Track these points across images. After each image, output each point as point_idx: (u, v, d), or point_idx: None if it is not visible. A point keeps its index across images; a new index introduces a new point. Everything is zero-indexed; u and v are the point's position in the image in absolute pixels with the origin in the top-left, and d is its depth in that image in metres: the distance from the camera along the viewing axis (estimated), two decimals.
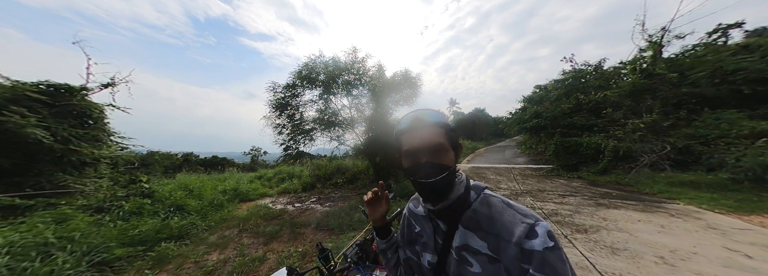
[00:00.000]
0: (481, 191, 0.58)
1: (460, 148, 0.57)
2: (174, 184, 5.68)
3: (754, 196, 4.08)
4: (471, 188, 0.59)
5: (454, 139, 0.56)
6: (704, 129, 6.28)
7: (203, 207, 4.59)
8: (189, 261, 2.78)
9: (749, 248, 2.44)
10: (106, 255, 2.57)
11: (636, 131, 7.11)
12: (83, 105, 4.61)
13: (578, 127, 9.58)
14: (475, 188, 0.59)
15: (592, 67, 11.88)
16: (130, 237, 3.01)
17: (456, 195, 0.57)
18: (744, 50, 7.24)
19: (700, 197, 4.24)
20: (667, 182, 5.21)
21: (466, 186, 0.58)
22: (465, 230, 0.56)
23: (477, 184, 0.61)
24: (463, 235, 0.56)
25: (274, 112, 6.54)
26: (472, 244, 0.54)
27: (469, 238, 0.55)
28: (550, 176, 7.40)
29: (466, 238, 0.55)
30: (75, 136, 4.24)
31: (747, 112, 6.25)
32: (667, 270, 2.12)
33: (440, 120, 0.55)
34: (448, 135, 0.54)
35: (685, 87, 7.36)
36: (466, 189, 0.58)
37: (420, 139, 0.53)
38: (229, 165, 15.21)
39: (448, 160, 0.53)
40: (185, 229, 3.59)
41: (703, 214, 3.55)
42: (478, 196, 0.57)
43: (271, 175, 8.83)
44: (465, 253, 0.55)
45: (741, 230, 2.90)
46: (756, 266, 2.13)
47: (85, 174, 4.40)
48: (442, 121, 0.55)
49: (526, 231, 0.49)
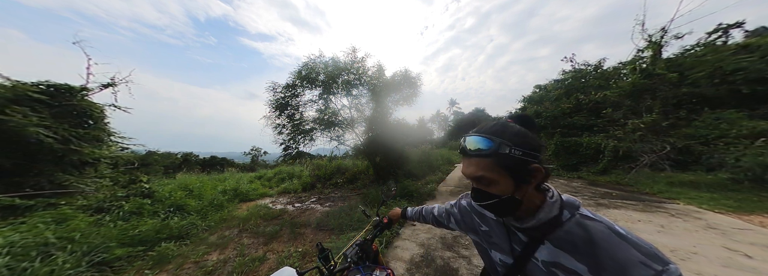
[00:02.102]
0: (575, 211, 0.53)
1: (532, 172, 0.50)
2: (174, 184, 5.67)
3: (754, 196, 4.08)
4: (564, 207, 0.54)
5: (512, 164, 0.48)
6: (704, 129, 6.29)
7: (203, 207, 4.58)
8: (189, 261, 2.77)
9: (749, 248, 2.44)
10: (106, 255, 2.57)
11: (636, 131, 7.12)
12: (84, 105, 4.61)
13: (578, 127, 9.59)
14: (568, 206, 0.54)
15: (592, 67, 11.89)
16: (130, 237, 3.01)
17: (547, 217, 0.53)
18: (744, 50, 7.24)
19: (700, 197, 4.25)
20: (667, 182, 5.21)
21: (560, 206, 0.53)
22: (556, 249, 0.52)
23: (570, 201, 0.55)
24: (553, 253, 0.52)
25: (274, 112, 6.54)
26: (566, 264, 0.50)
27: (561, 257, 0.51)
28: (550, 176, 7.41)
29: (557, 256, 0.52)
30: (75, 136, 4.24)
31: (746, 112, 6.25)
32: None
33: (488, 148, 0.49)
34: (499, 164, 0.49)
35: (685, 87, 7.37)
36: (560, 209, 0.53)
37: (466, 167, 0.52)
38: (228, 165, 15.22)
39: (498, 190, 0.50)
40: (185, 229, 3.58)
41: (703, 213, 3.55)
42: (572, 215, 0.52)
43: (271, 175, 8.83)
44: (556, 270, 0.52)
45: (741, 230, 2.91)
46: (756, 266, 2.13)
47: (86, 174, 4.40)
48: (489, 150, 0.49)
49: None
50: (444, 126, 34.38)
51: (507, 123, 0.52)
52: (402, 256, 2.58)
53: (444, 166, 9.78)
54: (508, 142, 0.48)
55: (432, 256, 2.56)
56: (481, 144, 0.50)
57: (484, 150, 0.49)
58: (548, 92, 12.78)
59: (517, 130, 0.50)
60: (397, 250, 2.72)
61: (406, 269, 2.35)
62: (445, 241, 2.92)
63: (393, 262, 2.48)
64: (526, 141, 0.49)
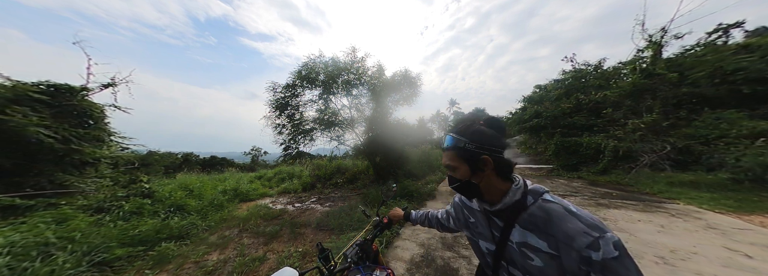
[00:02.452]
0: (538, 196, 0.62)
1: (482, 162, 0.61)
2: (174, 184, 5.68)
3: (754, 196, 4.07)
4: (529, 193, 0.63)
5: (467, 155, 0.62)
6: (704, 129, 6.28)
7: (203, 207, 4.58)
8: (189, 261, 2.78)
9: (749, 248, 2.44)
10: (106, 255, 2.57)
11: (636, 131, 7.11)
12: (84, 105, 4.62)
13: (578, 127, 9.59)
14: (532, 193, 0.63)
15: (592, 67, 11.89)
16: (131, 237, 3.01)
17: (511, 200, 0.63)
18: (744, 50, 7.23)
19: (700, 197, 4.24)
20: (667, 182, 5.21)
21: (523, 191, 0.63)
22: (523, 230, 0.61)
23: (535, 188, 0.64)
24: (522, 234, 0.62)
25: (274, 112, 6.55)
26: (531, 242, 0.59)
27: (528, 236, 0.60)
28: (551, 176, 7.40)
29: (525, 236, 0.61)
30: (76, 136, 4.24)
31: (747, 112, 6.24)
32: (668, 270, 2.12)
33: (452, 144, 0.64)
34: (459, 155, 0.63)
35: (685, 87, 7.36)
36: (523, 195, 0.63)
37: (443, 158, 0.68)
38: (228, 165, 15.22)
39: (459, 175, 0.65)
40: (185, 229, 3.58)
41: (703, 213, 3.55)
42: (535, 200, 0.62)
43: (271, 175, 8.83)
44: (525, 249, 0.61)
45: (741, 230, 2.90)
46: (756, 266, 2.13)
47: (86, 174, 4.40)
48: (453, 145, 0.63)
49: (589, 243, 0.50)
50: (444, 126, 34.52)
51: (471, 124, 0.64)
52: (402, 256, 2.58)
53: (444, 166, 9.77)
54: (465, 139, 0.61)
55: (432, 256, 2.56)
56: (448, 141, 0.65)
57: (449, 145, 0.64)
58: (548, 92, 12.78)
59: (474, 130, 0.62)
60: (398, 250, 2.72)
61: (407, 269, 2.35)
62: (445, 241, 2.92)
63: (393, 262, 2.48)
64: (481, 138, 0.61)
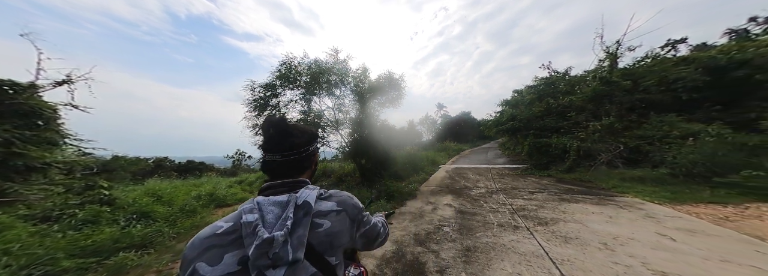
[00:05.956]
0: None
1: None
2: (141, 191, 5.40)
3: (686, 188, 4.74)
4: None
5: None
6: (651, 130, 7.13)
7: (173, 214, 4.41)
8: (151, 270, 2.67)
9: (675, 233, 2.89)
10: (51, 267, 2.37)
11: (595, 132, 7.88)
12: (31, 104, 4.19)
13: (549, 128, 10.36)
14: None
15: (560, 75, 12.92)
16: (82, 247, 2.81)
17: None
18: (684, 62, 8.31)
19: (644, 190, 4.84)
20: (620, 178, 5.86)
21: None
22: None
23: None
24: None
25: (253, 113, 6.34)
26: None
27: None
28: (524, 175, 7.94)
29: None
30: (20, 139, 3.86)
31: (685, 115, 7.19)
32: (608, 254, 2.47)
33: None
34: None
35: (638, 93, 8.28)
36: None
37: None
38: (207, 170, 14.51)
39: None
40: (149, 237, 3.40)
41: (645, 205, 4.08)
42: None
43: (253, 179, 8.63)
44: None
45: (671, 218, 3.40)
46: (677, 247, 2.55)
47: (32, 180, 4.00)
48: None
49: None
50: (433, 129, 35.42)
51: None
52: (374, 254, 2.70)
53: (428, 167, 10.09)
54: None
55: (403, 252, 2.73)
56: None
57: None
58: (523, 97, 13.65)
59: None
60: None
61: (376, 265, 2.47)
62: (418, 237, 3.12)
63: (365, 259, 2.58)
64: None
